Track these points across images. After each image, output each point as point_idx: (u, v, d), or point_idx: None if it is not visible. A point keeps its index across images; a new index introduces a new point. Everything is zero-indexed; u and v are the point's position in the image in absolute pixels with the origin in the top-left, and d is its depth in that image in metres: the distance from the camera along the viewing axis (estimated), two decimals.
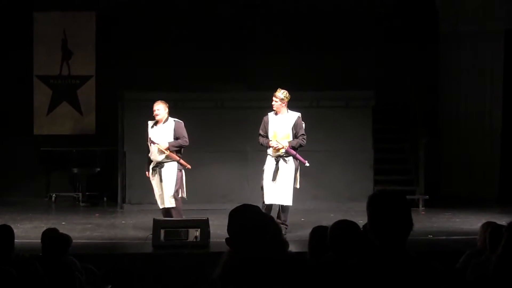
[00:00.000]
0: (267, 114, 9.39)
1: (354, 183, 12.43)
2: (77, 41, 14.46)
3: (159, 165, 9.34)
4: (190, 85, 13.64)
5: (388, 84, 14.20)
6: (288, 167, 9.14)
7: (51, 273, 5.11)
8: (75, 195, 13.65)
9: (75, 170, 13.50)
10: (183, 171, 9.46)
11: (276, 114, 9.28)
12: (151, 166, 9.43)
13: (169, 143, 9.33)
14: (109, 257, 7.73)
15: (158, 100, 9.62)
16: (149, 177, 9.52)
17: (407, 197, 3.27)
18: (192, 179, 12.53)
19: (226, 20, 14.46)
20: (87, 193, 13.52)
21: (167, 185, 9.27)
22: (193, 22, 14.51)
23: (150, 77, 14.08)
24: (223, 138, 12.53)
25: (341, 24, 14.56)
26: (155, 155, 9.37)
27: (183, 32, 14.53)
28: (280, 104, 9.20)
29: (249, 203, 3.43)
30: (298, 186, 9.30)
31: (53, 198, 13.46)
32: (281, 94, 9.20)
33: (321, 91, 12.99)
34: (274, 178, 9.11)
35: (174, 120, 9.50)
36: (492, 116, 13.93)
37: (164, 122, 9.45)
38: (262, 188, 9.26)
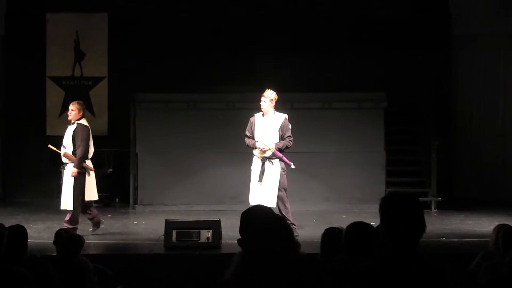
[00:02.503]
0: (254, 115, 9.35)
1: (366, 185, 12.41)
2: (89, 43, 14.51)
3: (63, 166, 9.47)
4: (201, 86, 13.67)
5: (400, 86, 14.17)
6: (274, 168, 9.08)
7: (64, 273, 5.12)
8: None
9: None
10: (90, 173, 9.48)
11: (263, 115, 9.24)
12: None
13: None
14: (121, 257, 7.75)
15: (75, 101, 9.75)
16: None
17: (419, 199, 3.26)
18: (203, 180, 12.61)
19: (238, 22, 14.47)
20: (99, 194, 13.54)
21: (66, 187, 9.36)
22: (205, 24, 14.53)
23: (162, 78, 14.12)
24: (235, 139, 12.50)
25: (353, 26, 14.55)
26: (62, 157, 9.49)
27: (195, 34, 14.55)
28: (269, 105, 9.14)
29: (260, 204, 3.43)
30: (286, 187, 9.24)
31: None
32: (271, 94, 9.15)
33: (333, 93, 12.97)
34: (260, 179, 9.06)
35: (77, 123, 9.52)
36: (505, 117, 13.87)
37: (72, 124, 9.50)
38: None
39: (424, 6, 14.52)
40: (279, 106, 9.44)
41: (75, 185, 9.32)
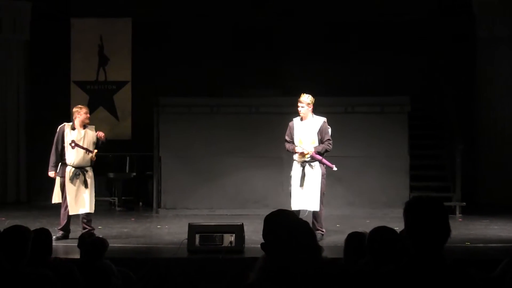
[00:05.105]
0: (292, 120, 9.34)
1: (390, 189, 12.34)
2: (113, 47, 14.61)
3: (83, 170, 9.40)
4: (225, 90, 13.69)
5: (424, 90, 14.10)
6: (315, 172, 9.06)
7: (88, 276, 5.15)
8: (111, 200, 13.78)
9: (111, 175, 13.62)
10: None
11: (301, 119, 9.23)
12: (71, 170, 9.35)
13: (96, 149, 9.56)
14: (145, 261, 7.77)
15: (82, 105, 9.79)
16: (54, 179, 9.48)
17: (444, 203, 3.23)
18: (227, 184, 12.62)
19: (263, 26, 14.50)
20: (122, 197, 13.65)
21: (92, 191, 9.43)
22: (229, 28, 14.57)
23: (186, 82, 14.18)
24: (258, 143, 12.55)
25: (376, 31, 14.52)
26: (79, 159, 9.38)
27: (219, 38, 14.60)
28: (307, 109, 9.13)
29: (284, 208, 3.43)
30: (324, 192, 9.23)
31: None
32: (307, 98, 9.12)
33: (357, 97, 12.93)
34: (301, 184, 9.04)
35: (93, 126, 9.61)
36: None
37: (85, 127, 9.50)
38: (291, 194, 9.22)
39: (448, 9, 14.44)
40: None
41: (94, 188, 9.52)
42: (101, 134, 9.55)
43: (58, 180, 9.46)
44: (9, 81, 14.55)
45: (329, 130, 9.21)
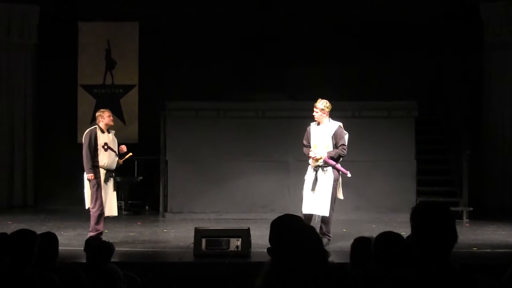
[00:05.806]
0: (310, 124, 9.37)
1: (396, 194, 12.32)
2: (120, 51, 14.64)
3: (112, 172, 9.49)
4: (231, 94, 13.70)
5: (431, 94, 14.07)
6: (327, 177, 9.06)
7: (94, 280, 5.15)
8: (117, 204, 13.76)
9: (118, 179, 13.60)
10: None
11: (318, 124, 9.26)
12: (104, 172, 9.35)
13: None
14: (151, 265, 7.77)
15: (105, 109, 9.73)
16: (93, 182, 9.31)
17: (451, 208, 3.21)
18: (233, 188, 12.62)
19: (268, 31, 14.50)
20: (129, 201, 13.66)
21: (116, 194, 9.54)
22: (235, 32, 14.58)
23: (192, 86, 14.19)
24: (265, 147, 12.54)
25: (383, 35, 14.50)
26: (111, 162, 9.42)
27: (226, 42, 14.61)
28: (321, 115, 9.16)
29: (290, 213, 3.42)
30: (341, 197, 9.22)
31: None
32: (321, 104, 9.16)
33: (363, 101, 12.92)
34: (313, 188, 9.05)
35: (113, 131, 9.65)
36: None
37: (108, 131, 9.53)
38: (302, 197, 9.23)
39: (455, 13, 14.41)
40: (310, 114, 9.39)
41: None
42: (123, 147, 9.60)
43: (88, 184, 9.33)
44: (16, 84, 14.59)
45: (346, 136, 9.20)
